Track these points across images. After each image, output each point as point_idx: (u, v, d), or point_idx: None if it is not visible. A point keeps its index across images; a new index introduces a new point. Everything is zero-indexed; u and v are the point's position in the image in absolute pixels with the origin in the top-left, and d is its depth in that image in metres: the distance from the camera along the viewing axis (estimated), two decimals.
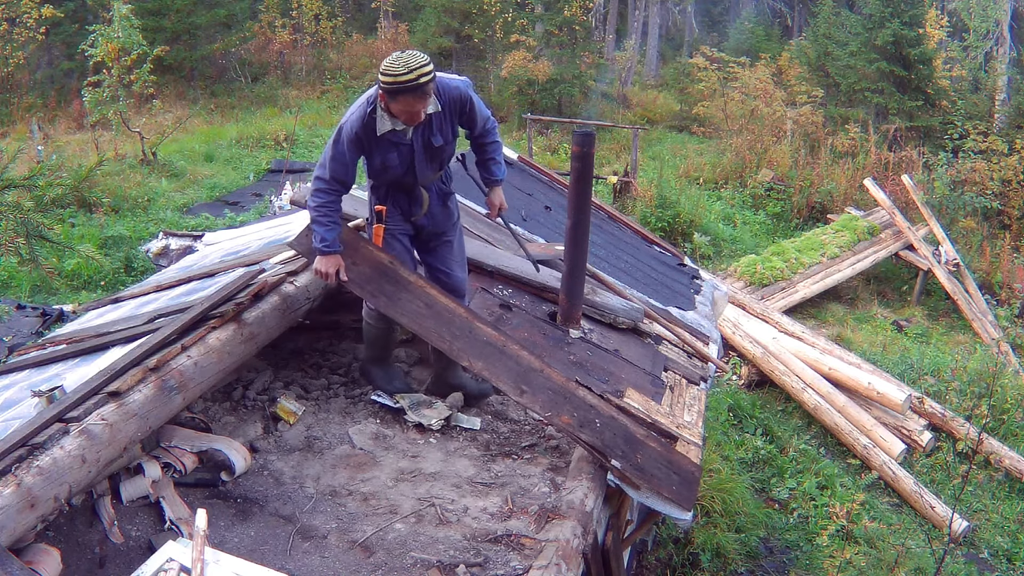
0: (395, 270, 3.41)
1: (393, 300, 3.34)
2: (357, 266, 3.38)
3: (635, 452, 3.06)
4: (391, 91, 3.06)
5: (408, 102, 3.09)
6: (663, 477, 3.06)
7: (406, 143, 3.31)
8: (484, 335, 3.29)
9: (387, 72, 3.03)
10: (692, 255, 11.51)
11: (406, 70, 3.00)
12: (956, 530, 6.77)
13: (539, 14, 20.16)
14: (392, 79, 3.02)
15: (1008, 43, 18.62)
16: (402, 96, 3.06)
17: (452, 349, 3.24)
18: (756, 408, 8.29)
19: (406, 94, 3.05)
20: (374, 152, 3.32)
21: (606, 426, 3.10)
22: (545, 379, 3.20)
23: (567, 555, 2.68)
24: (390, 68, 3.03)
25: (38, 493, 2.24)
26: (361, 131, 3.23)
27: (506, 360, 3.22)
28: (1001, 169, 14.37)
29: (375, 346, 3.72)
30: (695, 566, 5.53)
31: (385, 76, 3.03)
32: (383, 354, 3.75)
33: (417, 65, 3.01)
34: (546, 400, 3.12)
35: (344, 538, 2.81)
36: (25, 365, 3.89)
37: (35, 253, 5.09)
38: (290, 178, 12.00)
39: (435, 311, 3.33)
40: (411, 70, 3.00)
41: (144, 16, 15.92)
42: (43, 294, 8.19)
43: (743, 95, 17.41)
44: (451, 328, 3.29)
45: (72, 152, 13.34)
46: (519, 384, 3.15)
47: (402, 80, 3.01)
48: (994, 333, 11.10)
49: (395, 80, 3.01)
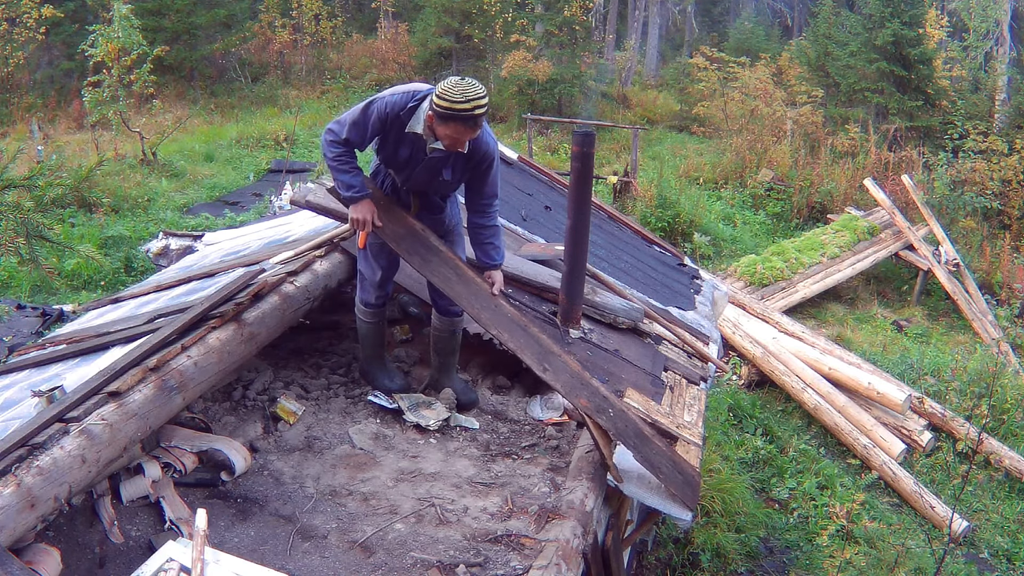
0: (426, 237, 3.44)
1: (426, 261, 3.38)
2: (391, 225, 3.42)
3: (645, 446, 3.09)
4: (443, 116, 3.04)
5: (457, 129, 3.07)
6: (670, 474, 3.06)
7: (422, 152, 3.29)
8: (508, 312, 3.36)
9: (445, 97, 3.00)
10: (692, 255, 11.51)
11: (463, 99, 2.99)
12: (956, 530, 6.77)
13: (539, 14, 20.16)
14: (448, 104, 3.00)
15: (1008, 43, 18.62)
16: (453, 123, 3.05)
17: (480, 318, 3.32)
18: (756, 408, 8.29)
19: (457, 122, 3.04)
20: (391, 140, 3.30)
21: (619, 417, 3.14)
22: (563, 364, 3.25)
23: (567, 555, 2.68)
24: (447, 93, 3.00)
25: (38, 493, 2.24)
26: (394, 116, 3.20)
27: (529, 339, 3.28)
28: (1001, 169, 14.38)
29: (369, 343, 3.75)
30: (695, 566, 5.54)
31: (442, 100, 3.01)
32: (378, 351, 3.78)
33: (475, 96, 3.00)
34: (566, 381, 3.18)
35: (344, 538, 2.81)
36: (25, 365, 3.89)
37: (35, 253, 5.09)
38: (290, 178, 12.00)
39: (464, 280, 3.39)
40: (468, 100, 2.99)
41: (144, 16, 15.93)
42: (43, 294, 8.19)
43: (743, 95, 17.41)
44: (479, 299, 3.35)
45: (72, 152, 13.34)
46: (542, 362, 3.21)
47: (457, 108, 3.00)
48: (994, 333, 11.10)
49: (451, 106, 2.99)
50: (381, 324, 3.73)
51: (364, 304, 3.68)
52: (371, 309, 3.68)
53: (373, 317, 3.68)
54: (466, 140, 3.15)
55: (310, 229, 5.01)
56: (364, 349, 3.79)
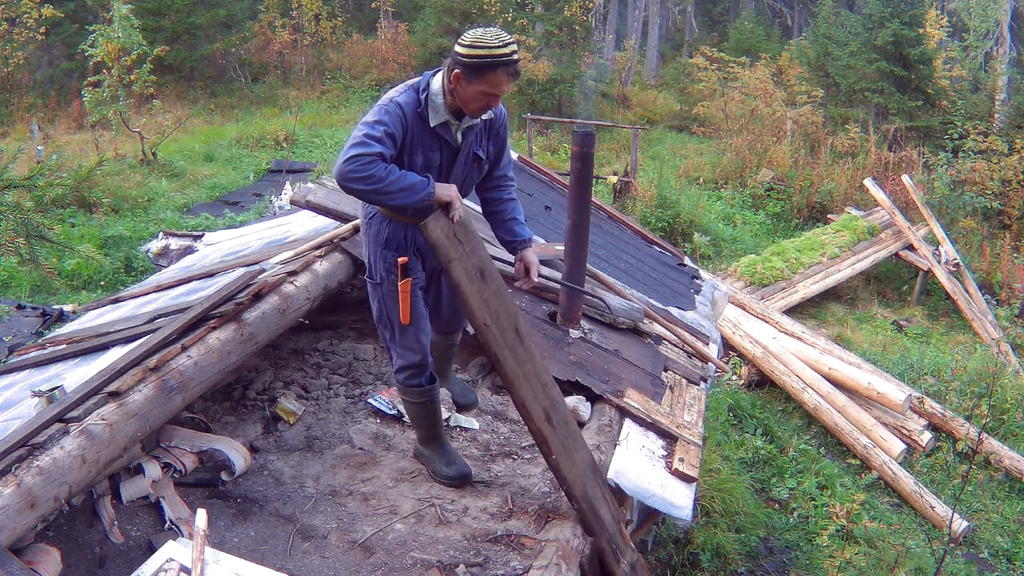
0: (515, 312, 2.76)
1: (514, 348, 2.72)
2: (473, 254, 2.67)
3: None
4: (481, 67, 2.56)
5: (497, 81, 2.59)
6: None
7: (454, 144, 2.82)
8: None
9: (479, 45, 2.55)
10: (692, 255, 11.51)
11: (500, 43, 2.55)
12: (956, 530, 6.77)
13: (539, 14, 20.17)
14: (487, 51, 2.54)
15: (1008, 43, 18.63)
16: (492, 73, 2.57)
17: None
18: (756, 408, 8.29)
19: (499, 70, 2.56)
20: (416, 146, 2.74)
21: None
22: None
23: (567, 555, 2.68)
24: (481, 41, 2.55)
25: (38, 493, 2.24)
26: (412, 114, 2.70)
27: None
28: (1001, 169, 14.39)
29: (423, 423, 3.20)
30: (695, 566, 5.53)
31: (476, 50, 2.55)
32: (434, 432, 3.21)
33: (508, 38, 2.58)
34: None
35: (344, 538, 2.81)
36: (25, 365, 3.89)
37: (35, 253, 5.09)
38: (290, 178, 12.00)
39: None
40: (505, 43, 2.56)
41: (144, 16, 15.93)
42: (43, 294, 8.19)
43: (743, 95, 17.42)
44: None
45: (72, 152, 13.35)
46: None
47: (498, 53, 2.54)
48: (994, 333, 11.10)
49: (490, 53, 2.54)
50: (435, 401, 3.15)
51: (412, 385, 3.09)
52: (423, 387, 3.10)
53: (422, 396, 3.11)
54: (501, 96, 2.68)
55: (310, 229, 5.01)
56: (418, 430, 3.24)
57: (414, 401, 3.13)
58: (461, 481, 3.15)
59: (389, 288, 2.94)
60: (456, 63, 2.62)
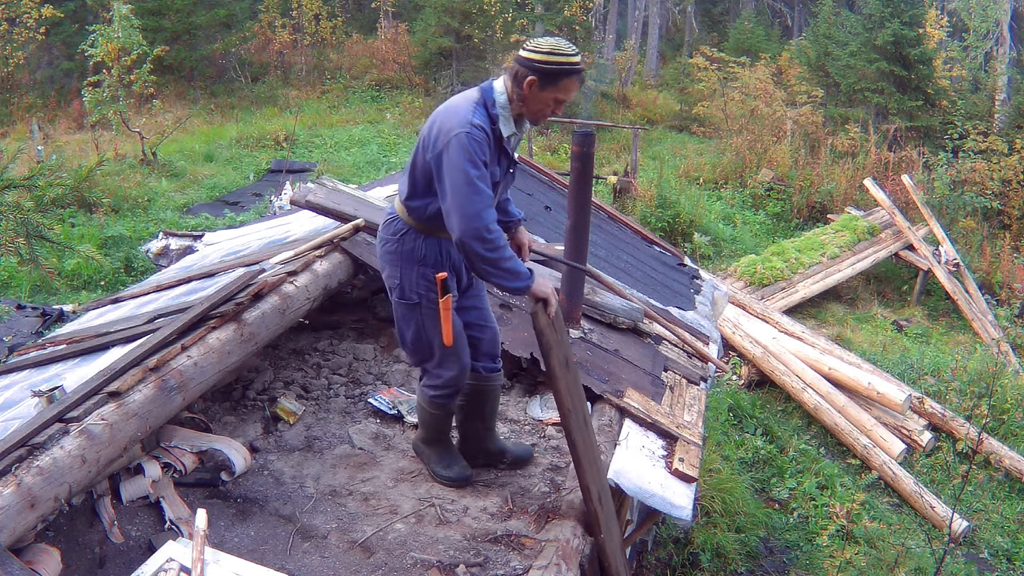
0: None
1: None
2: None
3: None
4: (557, 74, 2.63)
5: (571, 87, 2.68)
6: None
7: (510, 154, 2.82)
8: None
9: (557, 52, 2.62)
10: (692, 255, 11.51)
11: (572, 51, 2.64)
12: (956, 530, 6.77)
13: (539, 14, 20.17)
14: (564, 59, 2.62)
15: (1008, 43, 18.63)
16: (568, 80, 2.66)
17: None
18: (756, 408, 8.29)
19: (573, 77, 2.66)
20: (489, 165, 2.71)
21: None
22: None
23: (567, 555, 2.68)
24: (557, 49, 2.62)
25: (38, 493, 2.24)
26: (490, 133, 2.67)
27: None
28: (1001, 169, 14.39)
29: (432, 429, 3.18)
30: (695, 566, 5.53)
31: (555, 56, 2.62)
32: (443, 436, 3.22)
33: (575, 48, 2.69)
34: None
35: (344, 538, 2.81)
36: (25, 365, 3.89)
37: (35, 253, 5.10)
38: (290, 178, 12.00)
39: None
40: (576, 52, 2.66)
41: (144, 16, 15.93)
42: (43, 294, 8.19)
43: (743, 95, 17.42)
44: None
45: (72, 152, 13.35)
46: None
47: (573, 61, 2.63)
48: (994, 333, 11.10)
49: (567, 60, 2.62)
50: (449, 415, 3.16)
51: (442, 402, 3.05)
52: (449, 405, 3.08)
53: (446, 411, 3.10)
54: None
55: (310, 229, 5.01)
56: (427, 432, 3.20)
57: (435, 412, 3.09)
58: (461, 483, 3.14)
59: (428, 307, 2.85)
60: (531, 70, 2.65)
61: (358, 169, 14.20)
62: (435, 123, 2.69)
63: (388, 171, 13.57)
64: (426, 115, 20.58)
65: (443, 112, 2.70)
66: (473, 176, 2.56)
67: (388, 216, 2.93)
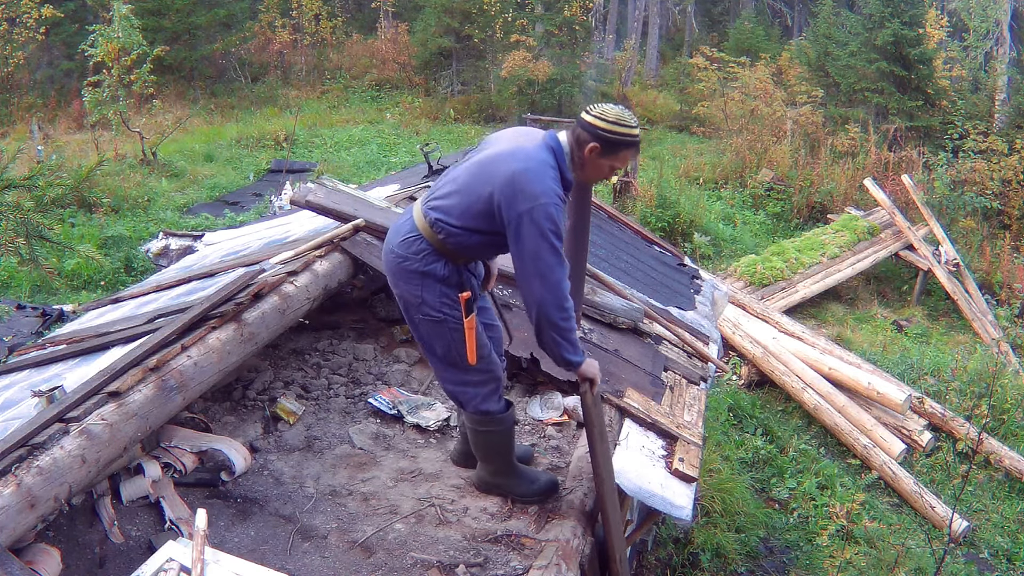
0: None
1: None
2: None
3: None
4: (618, 144, 2.72)
5: (627, 158, 2.82)
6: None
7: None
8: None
9: (621, 123, 2.70)
10: (692, 255, 11.50)
11: (636, 124, 2.74)
12: (956, 530, 6.77)
13: (539, 14, 20.18)
14: (626, 131, 2.71)
15: (1008, 43, 18.63)
16: (626, 151, 2.77)
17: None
18: (756, 408, 8.29)
19: (631, 148, 2.77)
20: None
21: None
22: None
23: (567, 555, 2.69)
24: (622, 119, 2.70)
25: (38, 493, 2.24)
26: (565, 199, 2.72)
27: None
28: (1001, 169, 14.38)
29: (499, 453, 3.03)
30: (695, 566, 5.53)
31: (619, 127, 2.70)
32: (508, 459, 3.08)
33: (636, 120, 2.80)
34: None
35: (344, 538, 2.81)
36: (25, 365, 3.89)
37: (35, 253, 5.10)
38: (290, 178, 12.01)
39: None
40: (638, 124, 2.77)
41: (144, 16, 15.93)
42: (43, 294, 8.19)
43: (743, 95, 17.41)
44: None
45: (72, 152, 13.35)
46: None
47: (635, 134, 2.73)
48: (994, 333, 11.10)
49: (629, 132, 2.71)
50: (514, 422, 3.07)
51: (493, 412, 2.94)
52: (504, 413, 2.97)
53: (505, 422, 2.97)
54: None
55: (310, 229, 5.01)
56: (491, 463, 3.05)
57: (495, 430, 2.95)
58: (553, 490, 3.05)
59: (455, 324, 2.82)
60: (594, 137, 2.70)
61: (358, 169, 14.21)
62: (513, 177, 2.60)
63: (388, 171, 13.56)
64: (426, 115, 20.42)
65: (522, 164, 2.62)
66: (558, 247, 2.61)
67: (409, 235, 2.81)
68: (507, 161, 2.64)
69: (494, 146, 2.78)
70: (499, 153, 2.70)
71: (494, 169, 2.66)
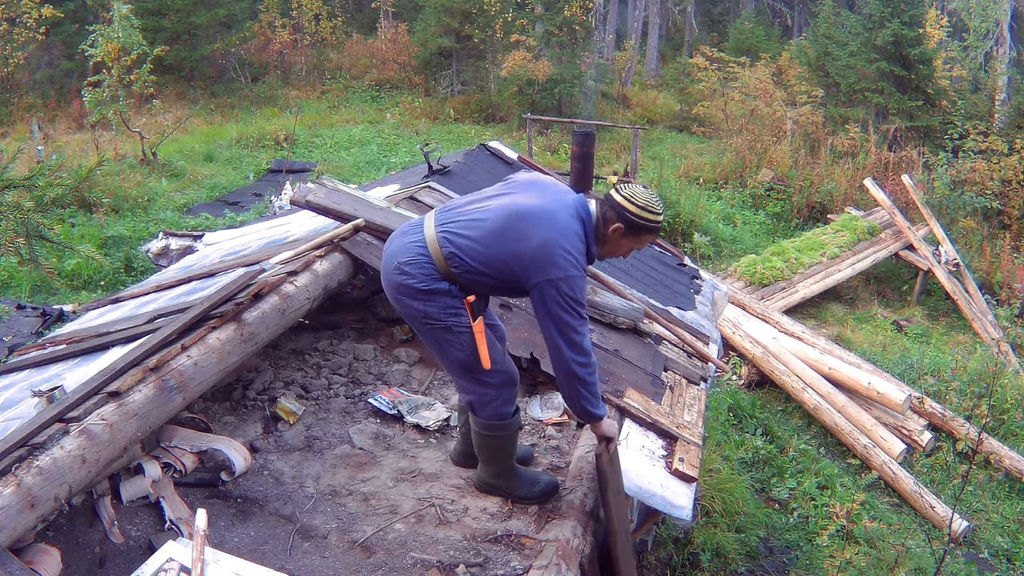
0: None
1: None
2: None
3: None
4: (645, 229, 2.80)
5: (647, 241, 2.91)
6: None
7: None
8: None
9: (650, 209, 2.77)
10: (692, 255, 11.51)
11: (661, 210, 2.82)
12: (956, 530, 6.77)
13: (539, 14, 20.17)
14: (654, 217, 2.78)
15: (1008, 43, 18.62)
16: (648, 235, 2.84)
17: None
18: (756, 408, 8.29)
19: (652, 233, 2.85)
20: None
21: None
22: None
23: (567, 555, 2.69)
24: (650, 206, 2.77)
25: (38, 493, 2.24)
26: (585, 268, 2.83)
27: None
28: (1001, 169, 14.38)
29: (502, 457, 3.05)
30: (695, 566, 5.53)
31: (647, 212, 2.76)
32: (510, 462, 3.09)
33: (663, 206, 2.88)
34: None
35: (344, 538, 2.81)
36: (25, 365, 3.89)
37: (35, 253, 5.09)
38: (290, 178, 12.01)
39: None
40: (662, 211, 2.84)
41: (144, 16, 15.94)
42: (43, 294, 8.19)
43: (743, 95, 17.42)
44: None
45: (72, 152, 13.34)
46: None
47: (660, 220, 2.82)
48: (994, 333, 11.10)
49: (655, 219, 2.79)
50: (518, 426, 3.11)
51: (507, 416, 2.95)
52: (513, 417, 2.97)
53: (512, 427, 2.99)
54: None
55: (310, 229, 5.01)
56: (492, 465, 3.06)
57: (504, 435, 2.96)
58: (553, 491, 3.06)
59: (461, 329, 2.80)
60: (620, 218, 2.77)
61: (358, 169, 14.21)
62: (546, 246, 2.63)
63: (388, 171, 13.57)
64: (426, 115, 20.45)
65: (555, 235, 2.65)
66: (582, 312, 2.70)
67: (418, 256, 2.76)
68: (541, 226, 2.66)
69: (525, 195, 2.77)
70: (532, 210, 2.70)
71: (526, 228, 2.66)
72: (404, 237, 2.86)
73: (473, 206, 2.81)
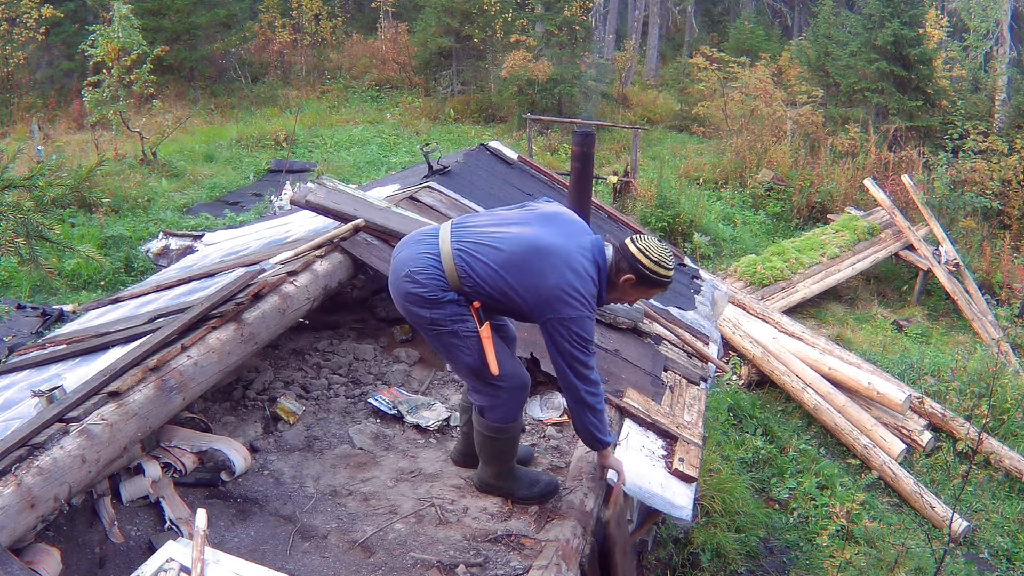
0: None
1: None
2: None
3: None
4: (655, 283, 2.85)
5: (655, 293, 2.97)
6: None
7: None
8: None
9: (663, 264, 2.81)
10: (692, 255, 11.51)
11: (672, 266, 2.87)
12: (956, 530, 6.77)
13: (539, 14, 20.16)
14: (666, 272, 2.83)
15: (1008, 43, 18.62)
16: (658, 288, 2.90)
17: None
18: (756, 408, 8.29)
19: (662, 287, 2.90)
20: None
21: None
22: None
23: (567, 555, 2.68)
24: (664, 261, 2.82)
25: (38, 493, 2.24)
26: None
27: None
28: (1001, 169, 14.38)
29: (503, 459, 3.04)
30: (695, 566, 5.54)
31: (660, 267, 2.81)
32: (511, 464, 3.09)
33: (675, 261, 2.92)
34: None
35: (344, 538, 2.81)
36: (25, 365, 3.89)
37: (35, 253, 5.10)
38: (290, 178, 12.00)
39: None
40: (673, 267, 2.89)
41: (144, 16, 15.93)
42: (43, 294, 8.19)
43: (743, 95, 17.42)
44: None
45: (72, 152, 13.35)
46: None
47: (671, 275, 2.87)
48: (994, 333, 11.10)
49: (667, 274, 2.84)
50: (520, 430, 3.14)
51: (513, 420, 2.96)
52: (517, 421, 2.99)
53: (515, 430, 3.01)
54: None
55: (310, 229, 5.01)
56: (493, 466, 3.06)
57: (507, 438, 2.97)
58: (554, 491, 3.06)
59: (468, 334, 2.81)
60: (632, 270, 2.81)
61: (358, 169, 14.21)
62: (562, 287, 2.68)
63: (388, 171, 13.57)
64: (426, 115, 20.49)
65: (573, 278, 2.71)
66: (591, 348, 2.78)
67: (431, 269, 2.76)
68: (558, 266, 2.71)
69: (546, 229, 2.80)
70: (551, 249, 2.74)
71: (542, 266, 2.71)
72: (417, 246, 2.83)
73: (492, 229, 2.81)
